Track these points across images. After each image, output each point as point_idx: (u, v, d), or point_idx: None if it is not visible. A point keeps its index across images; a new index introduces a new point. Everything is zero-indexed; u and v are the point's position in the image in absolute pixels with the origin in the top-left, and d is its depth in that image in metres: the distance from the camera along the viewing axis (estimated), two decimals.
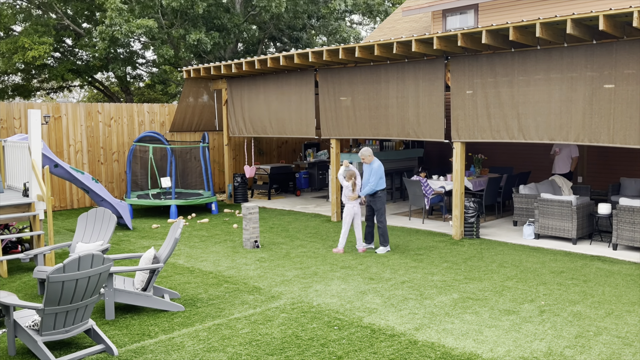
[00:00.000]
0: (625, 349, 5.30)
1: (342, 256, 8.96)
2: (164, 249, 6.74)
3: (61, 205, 13.94)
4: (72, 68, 22.81)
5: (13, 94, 24.92)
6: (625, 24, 8.11)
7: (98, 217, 7.79)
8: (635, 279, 7.54)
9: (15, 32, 23.37)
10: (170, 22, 21.71)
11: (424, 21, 17.39)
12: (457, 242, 9.90)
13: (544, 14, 13.30)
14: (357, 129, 11.61)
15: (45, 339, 5.08)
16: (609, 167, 13.45)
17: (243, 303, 6.73)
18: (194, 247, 9.73)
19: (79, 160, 14.19)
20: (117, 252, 9.42)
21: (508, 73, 9.34)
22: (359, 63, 11.52)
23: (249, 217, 9.48)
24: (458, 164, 10.13)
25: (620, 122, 8.25)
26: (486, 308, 6.45)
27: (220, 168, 16.66)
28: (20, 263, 8.77)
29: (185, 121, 15.61)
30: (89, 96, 31.90)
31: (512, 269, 8.11)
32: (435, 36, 9.22)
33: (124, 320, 6.17)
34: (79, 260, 4.94)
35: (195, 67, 14.01)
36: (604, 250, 9.12)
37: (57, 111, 13.83)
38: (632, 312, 6.26)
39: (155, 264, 6.48)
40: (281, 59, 11.74)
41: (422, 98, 10.47)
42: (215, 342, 5.58)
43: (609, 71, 8.32)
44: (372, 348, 5.37)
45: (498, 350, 5.28)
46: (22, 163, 8.96)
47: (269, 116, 13.32)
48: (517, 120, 9.31)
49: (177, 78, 26.79)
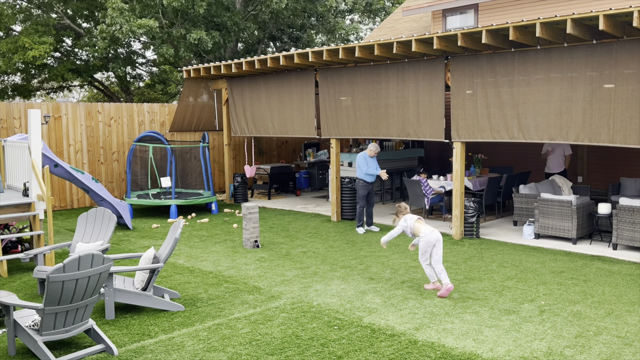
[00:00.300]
0: (625, 349, 5.30)
1: (342, 256, 8.95)
2: (164, 248, 6.74)
3: (61, 205, 13.94)
4: (72, 68, 22.80)
5: (13, 94, 24.91)
6: (625, 24, 8.11)
7: (98, 217, 7.79)
8: (635, 279, 7.54)
9: (15, 32, 23.37)
10: (170, 22, 21.71)
11: (424, 21, 17.39)
12: (457, 242, 9.90)
13: (544, 13, 13.30)
14: (357, 128, 11.61)
15: (45, 338, 5.08)
16: (609, 167, 13.45)
17: (243, 303, 6.73)
18: (194, 247, 9.73)
19: (79, 160, 14.19)
20: (117, 252, 9.42)
21: (508, 73, 9.34)
22: (359, 63, 11.52)
23: (249, 216, 9.48)
24: (458, 164, 10.13)
25: (620, 122, 8.25)
26: (486, 308, 6.45)
27: (221, 168, 16.66)
28: (20, 263, 8.77)
29: (185, 121, 15.61)
30: (89, 96, 31.90)
31: (512, 268, 8.11)
32: (435, 36, 9.22)
33: (124, 320, 6.17)
34: (79, 260, 4.94)
35: (195, 67, 14.01)
36: (604, 250, 9.12)
37: (57, 111, 13.83)
38: (632, 312, 6.26)
39: (155, 263, 6.48)
40: (281, 58, 11.73)
41: (422, 98, 10.47)
42: (215, 342, 5.58)
43: (609, 71, 8.32)
44: (372, 348, 5.37)
45: (498, 350, 5.28)
46: (22, 163, 8.95)
47: (271, 116, 13.32)
48: (517, 120, 9.31)
49: (177, 78, 26.78)
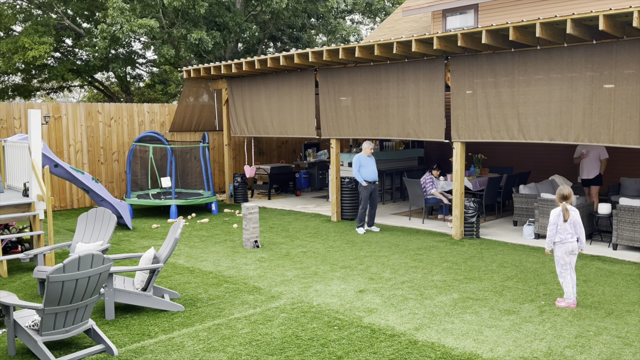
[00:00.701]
0: (625, 349, 5.30)
1: (342, 256, 8.96)
2: (164, 249, 6.74)
3: (61, 205, 13.94)
4: (72, 68, 22.81)
5: (13, 94, 24.91)
6: (625, 24, 8.11)
7: (98, 217, 7.80)
8: (635, 279, 7.53)
9: (15, 32, 23.37)
10: (171, 22, 21.71)
11: (424, 21, 17.39)
12: (457, 242, 9.90)
13: (544, 14, 13.29)
14: (357, 129, 11.61)
15: (45, 339, 5.08)
16: (609, 167, 13.45)
17: (243, 303, 6.73)
18: (194, 247, 9.73)
19: (79, 160, 14.19)
20: (117, 252, 9.42)
21: (508, 73, 9.34)
22: (359, 63, 11.52)
23: (249, 217, 9.48)
24: (458, 164, 10.13)
25: (620, 122, 8.25)
26: (486, 308, 6.45)
27: (220, 168, 16.66)
28: (20, 263, 8.77)
29: (185, 121, 15.61)
30: (89, 96, 31.90)
31: (512, 269, 8.11)
32: (435, 36, 9.22)
33: (124, 320, 6.17)
34: (79, 260, 4.94)
35: (195, 67, 14.01)
36: (604, 250, 9.12)
37: (57, 111, 13.83)
38: (632, 312, 6.26)
39: (155, 264, 6.48)
40: (281, 59, 11.73)
41: (422, 98, 10.47)
42: (215, 342, 5.58)
43: (609, 71, 8.32)
44: (372, 348, 5.37)
45: (498, 350, 5.28)
46: (22, 163, 8.96)
47: (271, 116, 13.32)
48: (517, 120, 9.31)
49: (177, 78, 26.78)
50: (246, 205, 9.54)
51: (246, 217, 9.50)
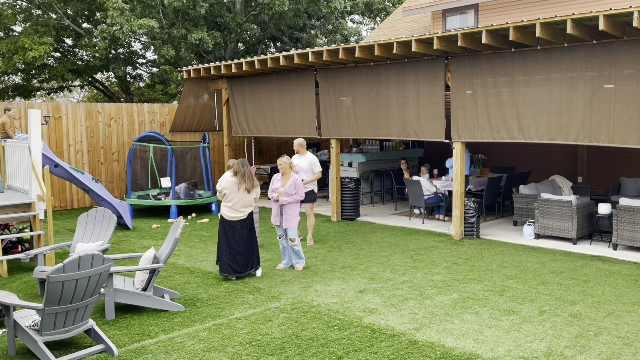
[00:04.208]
0: (625, 349, 5.30)
1: (342, 256, 8.95)
2: (164, 249, 6.75)
3: (61, 205, 13.94)
4: (72, 68, 22.80)
5: (13, 94, 24.91)
6: (625, 24, 8.11)
7: (98, 217, 7.80)
8: (635, 279, 7.54)
9: (15, 32, 23.37)
10: (171, 22, 21.71)
11: (424, 21, 17.39)
12: (457, 242, 9.90)
13: (544, 14, 13.30)
14: (358, 128, 11.61)
15: (45, 339, 5.08)
16: (609, 167, 13.45)
17: (243, 303, 6.73)
18: (194, 247, 9.73)
19: (79, 160, 14.19)
20: (117, 252, 9.42)
21: (508, 73, 9.34)
22: (359, 63, 11.52)
23: None
24: (458, 164, 10.13)
25: (620, 122, 8.25)
26: (486, 308, 6.45)
27: (221, 168, 16.66)
28: (20, 263, 8.77)
29: (186, 121, 15.60)
30: (89, 96, 31.90)
31: (512, 269, 8.11)
32: (435, 36, 9.22)
33: (124, 320, 6.17)
34: (79, 260, 4.94)
35: (195, 67, 14.01)
36: (604, 250, 9.12)
37: (57, 111, 13.84)
38: (632, 312, 6.26)
39: (155, 263, 6.48)
40: (281, 59, 11.73)
41: (423, 98, 10.47)
42: (215, 342, 5.58)
43: (608, 71, 8.32)
44: (372, 348, 5.37)
45: (498, 350, 5.28)
46: (22, 163, 8.96)
47: (272, 116, 13.32)
48: (517, 120, 9.31)
49: (177, 78, 26.77)
50: None
51: None
